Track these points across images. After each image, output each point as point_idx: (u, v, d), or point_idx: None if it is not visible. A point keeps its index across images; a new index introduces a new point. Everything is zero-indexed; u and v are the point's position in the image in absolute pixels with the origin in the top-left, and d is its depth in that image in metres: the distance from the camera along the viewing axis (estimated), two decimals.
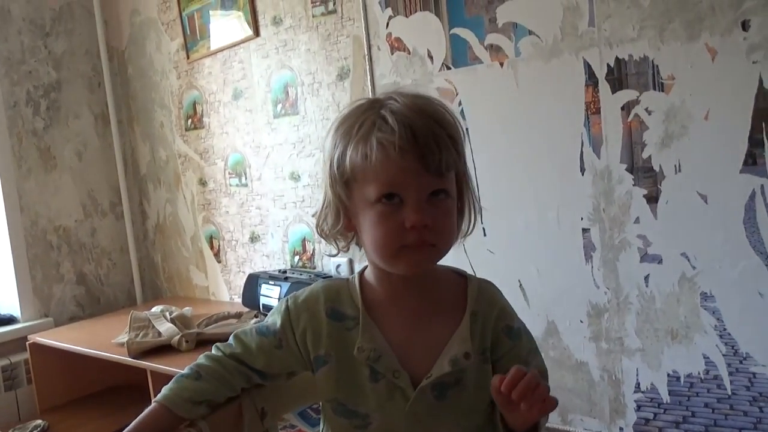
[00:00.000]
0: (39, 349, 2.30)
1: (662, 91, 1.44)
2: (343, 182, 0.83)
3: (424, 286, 0.88)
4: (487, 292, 0.91)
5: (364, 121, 0.81)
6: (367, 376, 0.86)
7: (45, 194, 2.59)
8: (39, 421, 2.21)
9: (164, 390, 0.90)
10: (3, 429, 2.21)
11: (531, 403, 0.74)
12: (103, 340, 2.11)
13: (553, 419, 1.71)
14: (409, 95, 0.83)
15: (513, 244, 1.72)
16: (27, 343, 2.32)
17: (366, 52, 1.94)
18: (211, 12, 2.36)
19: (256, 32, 2.23)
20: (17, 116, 2.52)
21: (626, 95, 1.50)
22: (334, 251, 0.91)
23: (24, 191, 2.53)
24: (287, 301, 0.92)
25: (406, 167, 0.78)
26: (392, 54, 1.89)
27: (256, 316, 2.08)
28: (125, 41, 2.73)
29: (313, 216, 0.97)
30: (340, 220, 0.85)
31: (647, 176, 1.48)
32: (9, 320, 2.48)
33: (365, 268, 0.92)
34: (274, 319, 0.92)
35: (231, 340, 0.94)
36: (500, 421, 0.83)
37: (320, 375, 0.88)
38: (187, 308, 2.21)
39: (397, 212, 0.79)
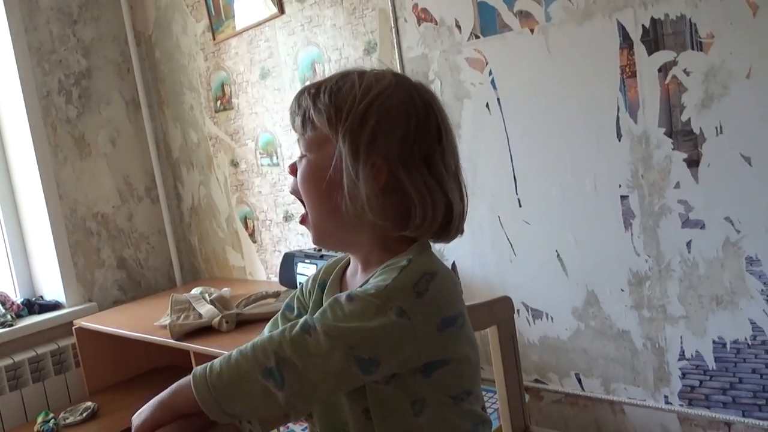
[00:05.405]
0: (85, 333, 2.36)
1: (701, 50, 1.39)
2: None
3: (364, 265, 0.87)
4: (395, 270, 0.77)
5: None
6: None
7: (82, 181, 2.64)
8: (89, 403, 2.27)
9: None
10: (55, 411, 2.28)
11: None
12: (146, 322, 2.15)
13: (596, 388, 1.70)
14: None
15: (549, 214, 1.70)
16: (73, 327, 2.38)
17: (392, 25, 1.91)
18: None
19: (281, 9, 2.22)
20: (50, 105, 2.55)
21: (663, 57, 1.45)
22: None
23: (61, 179, 2.57)
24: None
25: None
26: (419, 25, 1.86)
27: None
28: (151, 25, 2.74)
29: None
30: None
31: (687, 140, 1.44)
32: (55, 306, 2.54)
33: None
34: (292, 296, 0.99)
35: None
36: None
37: None
38: (225, 289, 2.24)
39: None
